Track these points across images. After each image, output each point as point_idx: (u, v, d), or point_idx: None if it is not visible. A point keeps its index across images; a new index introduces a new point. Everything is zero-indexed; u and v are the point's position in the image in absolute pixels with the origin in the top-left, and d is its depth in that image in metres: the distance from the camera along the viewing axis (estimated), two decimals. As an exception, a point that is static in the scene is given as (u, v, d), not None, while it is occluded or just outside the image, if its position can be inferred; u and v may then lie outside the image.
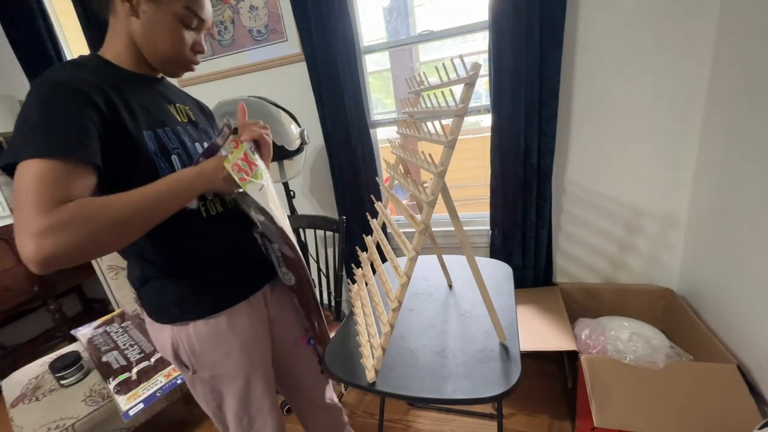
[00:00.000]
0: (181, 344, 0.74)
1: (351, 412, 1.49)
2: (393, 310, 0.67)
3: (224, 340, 0.77)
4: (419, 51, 3.17)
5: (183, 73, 0.74)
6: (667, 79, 1.27)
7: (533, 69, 1.30)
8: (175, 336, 0.74)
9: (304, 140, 1.37)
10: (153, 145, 0.65)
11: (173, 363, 0.78)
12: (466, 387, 0.69)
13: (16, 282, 1.85)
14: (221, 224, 0.75)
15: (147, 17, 0.64)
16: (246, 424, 0.85)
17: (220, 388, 0.81)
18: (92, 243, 0.51)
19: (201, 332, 0.74)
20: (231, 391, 0.81)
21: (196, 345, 0.74)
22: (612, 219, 1.49)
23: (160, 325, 0.74)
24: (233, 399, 0.82)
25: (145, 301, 0.75)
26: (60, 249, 0.48)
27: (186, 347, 0.74)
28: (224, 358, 0.78)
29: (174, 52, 0.68)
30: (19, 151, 0.51)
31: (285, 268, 0.87)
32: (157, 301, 0.74)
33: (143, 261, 0.71)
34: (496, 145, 1.45)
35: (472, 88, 0.57)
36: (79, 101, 0.56)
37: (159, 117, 0.69)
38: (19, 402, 1.21)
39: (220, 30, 1.72)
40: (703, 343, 1.18)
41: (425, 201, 0.63)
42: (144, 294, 0.75)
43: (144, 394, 1.17)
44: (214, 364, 0.77)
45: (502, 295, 0.97)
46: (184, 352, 0.75)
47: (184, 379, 0.82)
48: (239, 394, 0.81)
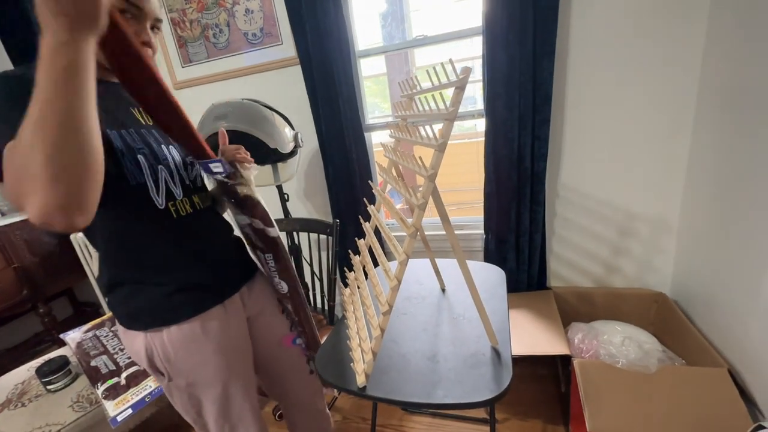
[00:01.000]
0: (155, 351, 0.72)
1: (344, 417, 1.48)
2: (383, 314, 0.66)
3: (199, 346, 0.75)
4: (415, 55, 3.19)
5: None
6: (658, 84, 1.29)
7: (526, 74, 1.31)
8: (149, 343, 0.72)
9: (297, 143, 1.37)
10: (119, 143, 0.64)
11: (149, 371, 0.76)
12: (457, 392, 0.68)
13: (3, 285, 1.83)
14: (192, 225, 0.75)
15: None
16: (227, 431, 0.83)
17: (198, 395, 0.79)
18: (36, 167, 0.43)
19: (175, 338, 0.72)
20: (209, 397, 0.79)
21: (170, 352, 0.72)
22: (605, 223, 1.50)
23: (133, 332, 0.72)
24: (212, 406, 0.80)
25: (116, 308, 0.73)
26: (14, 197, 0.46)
27: (161, 354, 0.72)
28: (200, 365, 0.76)
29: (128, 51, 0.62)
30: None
31: (278, 278, 0.88)
32: (127, 307, 0.71)
33: (111, 266, 0.70)
34: (490, 150, 1.45)
35: (462, 92, 0.58)
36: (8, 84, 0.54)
37: (122, 119, 0.68)
38: (4, 408, 1.19)
39: (215, 33, 1.72)
40: (695, 347, 1.19)
41: (416, 204, 0.63)
42: (114, 300, 0.72)
43: (133, 399, 1.15)
44: (190, 371, 0.75)
45: (494, 299, 0.96)
46: (158, 359, 0.73)
47: (161, 388, 0.81)
48: (218, 400, 0.80)
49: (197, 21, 1.72)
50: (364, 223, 0.93)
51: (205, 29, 1.73)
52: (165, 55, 1.82)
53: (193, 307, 0.74)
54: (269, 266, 0.90)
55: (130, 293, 0.71)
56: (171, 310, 0.72)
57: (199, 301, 0.75)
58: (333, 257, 1.36)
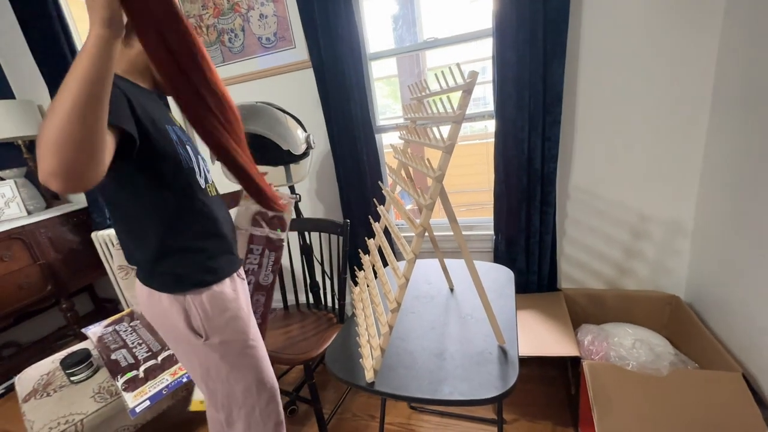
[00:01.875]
0: (194, 311, 0.81)
1: (353, 414, 1.50)
2: (392, 311, 0.68)
3: (230, 304, 0.86)
4: (426, 57, 3.20)
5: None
6: (671, 83, 1.27)
7: (537, 75, 1.31)
8: (188, 304, 0.81)
9: (309, 145, 1.40)
10: (174, 136, 0.78)
11: (180, 334, 0.83)
12: (464, 389, 0.70)
13: (30, 281, 1.91)
14: (220, 205, 0.90)
15: None
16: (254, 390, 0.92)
17: (229, 353, 0.87)
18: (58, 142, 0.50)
19: (213, 297, 0.82)
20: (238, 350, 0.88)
21: (209, 309, 0.82)
22: (617, 224, 1.48)
23: (173, 297, 0.80)
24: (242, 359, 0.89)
25: (162, 275, 0.81)
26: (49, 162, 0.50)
27: (200, 313, 0.82)
28: (233, 320, 0.86)
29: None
30: None
31: (269, 270, 1.06)
32: (174, 273, 0.80)
33: (162, 238, 0.78)
34: (500, 151, 1.46)
35: (469, 95, 0.59)
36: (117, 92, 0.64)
37: (167, 118, 0.81)
38: (31, 397, 1.25)
39: (230, 38, 1.77)
40: (709, 350, 1.17)
41: (423, 204, 0.64)
42: (160, 268, 0.80)
43: (150, 391, 1.19)
44: (224, 326, 0.85)
45: (502, 299, 0.97)
46: (197, 319, 0.82)
47: (189, 355, 0.87)
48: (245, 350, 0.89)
49: (213, 26, 1.77)
50: (373, 223, 0.95)
51: (220, 34, 1.78)
52: (182, 59, 1.88)
53: (228, 270, 0.87)
54: (268, 258, 1.02)
55: (179, 260, 0.80)
56: (212, 271, 0.84)
57: (231, 263, 0.88)
58: (343, 257, 1.38)
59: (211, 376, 0.89)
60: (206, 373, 0.89)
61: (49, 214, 2.03)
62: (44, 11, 1.83)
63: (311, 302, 1.65)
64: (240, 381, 0.90)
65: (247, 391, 0.91)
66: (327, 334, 1.34)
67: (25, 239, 1.90)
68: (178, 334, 0.84)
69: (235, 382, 0.90)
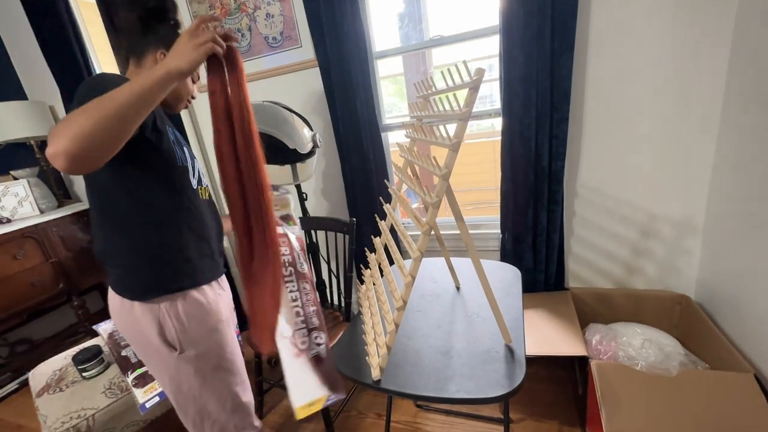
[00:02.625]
0: (169, 322, 0.79)
1: (359, 412, 1.51)
2: (397, 309, 0.68)
3: (209, 314, 0.84)
4: (432, 55, 3.19)
5: (181, 110, 0.91)
6: (682, 80, 1.25)
7: (544, 72, 1.30)
8: (162, 315, 0.79)
9: (316, 144, 1.40)
10: (172, 136, 0.83)
11: (152, 347, 0.81)
12: (470, 387, 0.70)
13: (42, 279, 1.94)
14: (210, 209, 0.91)
15: None
16: (229, 406, 0.90)
17: (204, 367, 0.85)
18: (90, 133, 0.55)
19: (189, 308, 0.81)
20: (213, 364, 0.86)
21: (185, 321, 0.81)
22: (626, 223, 1.47)
23: (146, 306, 0.78)
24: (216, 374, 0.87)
25: (131, 280, 0.79)
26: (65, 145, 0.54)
27: (175, 325, 0.80)
28: (210, 333, 0.84)
29: (184, 95, 0.87)
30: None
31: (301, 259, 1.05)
32: (148, 275, 0.79)
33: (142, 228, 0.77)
34: (507, 149, 1.45)
35: (475, 93, 0.59)
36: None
37: (168, 121, 0.86)
38: (44, 392, 1.28)
39: (237, 37, 1.78)
40: (720, 351, 1.15)
41: (430, 202, 0.64)
42: (129, 275, 0.79)
43: (160, 387, 1.21)
44: (201, 339, 0.83)
45: (509, 298, 0.97)
46: (171, 331, 0.80)
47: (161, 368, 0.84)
48: (221, 367, 0.87)
49: (220, 26, 1.78)
50: (379, 222, 0.95)
51: (228, 34, 1.79)
52: (190, 59, 1.89)
53: (207, 275, 0.86)
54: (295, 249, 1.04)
55: (156, 256, 0.79)
56: (189, 275, 0.82)
57: (211, 269, 0.87)
58: (349, 255, 1.39)
59: (182, 392, 0.86)
60: (177, 389, 0.86)
61: (60, 213, 2.06)
62: (56, 15, 1.86)
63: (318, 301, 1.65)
64: (213, 396, 0.87)
65: (220, 407, 0.89)
66: (333, 333, 1.34)
67: (38, 238, 1.93)
68: (149, 347, 0.82)
69: (208, 398, 0.87)
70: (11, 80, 2.23)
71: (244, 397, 0.93)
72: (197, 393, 0.86)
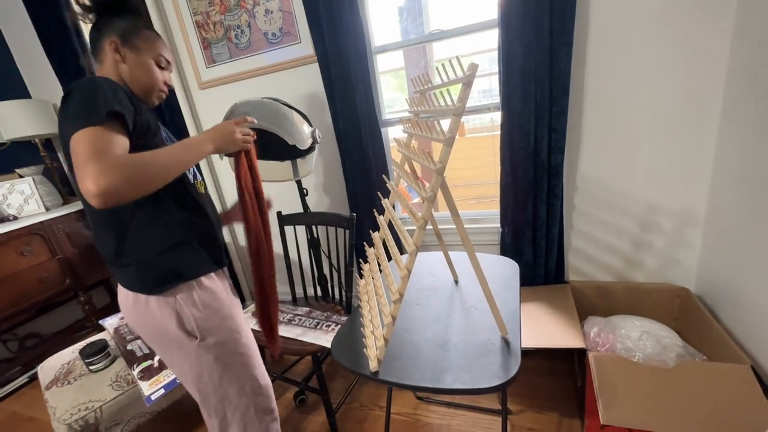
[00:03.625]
0: (187, 312, 0.83)
1: (360, 404, 1.53)
2: (394, 303, 0.69)
3: (223, 301, 0.89)
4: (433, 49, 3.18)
5: (157, 103, 0.91)
6: (683, 72, 1.24)
7: (543, 66, 1.29)
8: (179, 306, 0.82)
9: (315, 139, 1.41)
10: (165, 134, 0.87)
11: (171, 339, 0.83)
12: (466, 378, 0.71)
13: (50, 275, 1.98)
14: (206, 201, 0.93)
15: (131, 62, 0.83)
16: (249, 390, 0.93)
17: (224, 353, 0.88)
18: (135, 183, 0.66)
19: (204, 297, 0.85)
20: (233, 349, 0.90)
21: (202, 309, 0.84)
22: (626, 216, 1.47)
23: (162, 299, 0.81)
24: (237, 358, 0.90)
25: (145, 274, 0.81)
26: (111, 183, 0.62)
27: (193, 314, 0.83)
28: (226, 320, 0.88)
29: (152, 85, 0.87)
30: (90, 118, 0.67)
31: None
32: (161, 267, 0.82)
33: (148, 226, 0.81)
34: (506, 143, 1.45)
35: (468, 88, 0.59)
36: (122, 93, 0.74)
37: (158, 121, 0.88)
38: (53, 385, 1.31)
39: (237, 34, 1.78)
40: (718, 343, 1.16)
41: (425, 197, 0.65)
42: (143, 270, 0.81)
43: (165, 380, 1.24)
44: (219, 326, 0.87)
45: (507, 291, 0.98)
46: (190, 320, 0.83)
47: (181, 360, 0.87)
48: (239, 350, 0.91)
49: (220, 23, 1.79)
50: (378, 217, 0.96)
51: (227, 30, 1.79)
52: (191, 56, 1.90)
53: (218, 262, 0.91)
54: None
55: (166, 250, 0.82)
56: (202, 263, 0.87)
57: (218, 256, 0.92)
58: (350, 249, 1.40)
59: (203, 381, 0.88)
60: (198, 379, 0.88)
61: (65, 210, 2.09)
62: (56, 13, 1.87)
63: (319, 295, 1.67)
64: (234, 382, 0.91)
65: (241, 391, 0.92)
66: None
67: (44, 234, 1.96)
68: (168, 339, 0.84)
69: (229, 384, 0.90)
70: (14, 79, 2.25)
71: (262, 380, 0.97)
72: (218, 381, 0.89)
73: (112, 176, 0.62)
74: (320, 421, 1.47)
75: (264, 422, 0.97)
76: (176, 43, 1.92)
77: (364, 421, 1.45)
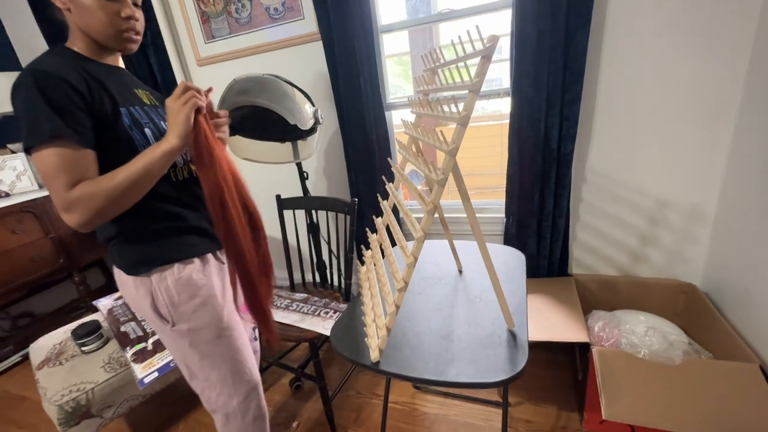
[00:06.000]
0: (160, 296, 0.80)
1: (357, 392, 1.51)
2: (399, 291, 0.66)
3: (199, 290, 0.84)
4: (440, 31, 3.08)
5: (131, 46, 0.80)
6: (702, 62, 1.19)
7: (558, 50, 1.24)
8: (154, 288, 0.80)
9: (317, 120, 1.36)
10: (128, 120, 0.77)
11: (150, 319, 0.83)
12: (470, 371, 0.68)
13: (42, 254, 1.94)
14: (191, 187, 0.87)
15: (76, 6, 0.73)
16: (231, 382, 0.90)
17: (198, 339, 0.85)
18: (103, 212, 0.67)
19: (179, 281, 0.81)
20: (208, 338, 0.86)
21: (174, 295, 0.81)
22: (634, 210, 1.43)
23: (139, 279, 0.80)
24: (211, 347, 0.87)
25: (124, 255, 0.81)
26: (81, 219, 0.65)
27: (166, 299, 0.80)
28: (201, 307, 0.83)
29: (107, 27, 0.75)
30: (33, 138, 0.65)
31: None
32: (137, 250, 0.80)
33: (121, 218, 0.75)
34: (515, 131, 1.40)
35: (488, 62, 0.55)
36: (67, 89, 0.67)
37: (129, 98, 0.80)
38: (44, 365, 1.28)
39: (237, 8, 1.70)
40: (725, 341, 1.14)
41: (435, 180, 0.61)
42: (122, 248, 0.80)
43: (159, 363, 1.21)
44: (192, 314, 0.83)
45: (512, 282, 0.94)
46: (163, 304, 0.81)
47: (163, 339, 0.88)
48: (215, 341, 0.87)
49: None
50: (382, 202, 0.92)
51: (227, 4, 1.71)
52: (189, 30, 1.83)
53: (196, 248, 0.86)
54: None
55: (139, 237, 0.80)
56: (177, 248, 0.83)
57: (198, 244, 0.86)
58: (350, 236, 1.36)
59: (185, 362, 0.88)
60: (180, 360, 0.89)
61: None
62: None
63: (317, 281, 1.64)
64: (214, 369, 0.88)
65: (222, 381, 0.89)
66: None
67: (37, 212, 1.91)
68: (149, 319, 0.84)
69: (210, 370, 0.88)
70: (5, 50, 2.17)
71: (246, 376, 0.93)
72: (197, 366, 0.88)
73: (77, 215, 0.65)
74: (316, 408, 1.46)
75: (247, 418, 0.94)
76: (174, 15, 1.84)
77: (361, 410, 1.44)
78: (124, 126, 0.75)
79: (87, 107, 0.69)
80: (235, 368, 0.91)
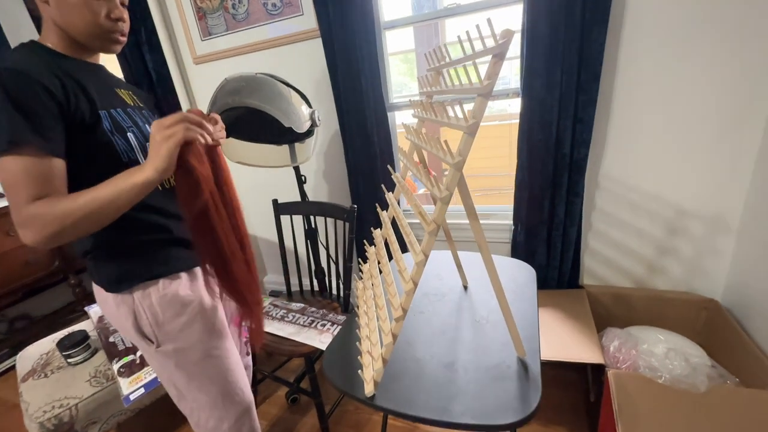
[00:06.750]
0: (144, 315, 0.74)
1: (356, 407, 1.45)
2: (396, 320, 0.59)
3: (185, 308, 0.77)
4: (446, 28, 2.99)
5: (115, 47, 0.74)
6: (728, 62, 1.10)
7: (572, 48, 1.15)
8: (137, 306, 0.74)
9: (314, 122, 1.29)
10: (108, 123, 0.69)
11: (134, 339, 0.77)
12: (477, 409, 0.61)
13: (37, 257, 1.89)
14: (173, 196, 0.78)
15: (55, 1, 0.66)
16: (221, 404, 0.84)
17: (185, 360, 0.79)
18: (60, 235, 0.58)
19: (163, 299, 0.74)
20: (195, 359, 0.80)
21: (159, 313, 0.74)
22: (651, 219, 1.34)
23: (120, 297, 0.73)
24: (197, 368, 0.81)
25: (102, 270, 0.74)
26: (35, 238, 0.57)
27: (149, 317, 0.74)
28: (187, 326, 0.77)
29: (90, 25, 0.68)
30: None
31: None
32: (118, 264, 0.73)
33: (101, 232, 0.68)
34: (525, 134, 1.31)
35: (501, 61, 0.47)
36: (38, 91, 0.59)
37: (110, 99, 0.72)
38: (29, 377, 1.23)
39: (234, 3, 1.64)
40: (751, 363, 1.05)
41: (438, 197, 0.53)
42: (100, 262, 0.74)
43: (146, 378, 1.15)
44: (178, 334, 0.76)
45: (522, 302, 0.87)
46: (147, 323, 0.74)
47: (148, 359, 0.82)
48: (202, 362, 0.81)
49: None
50: (381, 213, 0.84)
51: None
52: (185, 27, 1.76)
53: (182, 262, 0.79)
54: None
55: (120, 253, 0.73)
56: (162, 263, 0.76)
57: (185, 258, 0.80)
58: (349, 244, 1.29)
59: (172, 383, 0.82)
60: (167, 382, 0.83)
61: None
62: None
63: (316, 289, 1.58)
64: (203, 391, 0.82)
65: (212, 403, 0.83)
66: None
67: (30, 214, 1.87)
68: (132, 338, 0.77)
69: (198, 391, 0.82)
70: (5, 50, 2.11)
71: (237, 397, 0.87)
72: (185, 387, 0.82)
73: (30, 233, 0.57)
74: (314, 423, 1.39)
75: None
76: (169, 12, 1.78)
77: (360, 426, 1.37)
78: (104, 130, 0.68)
79: (60, 111, 0.62)
80: (225, 389, 0.84)
